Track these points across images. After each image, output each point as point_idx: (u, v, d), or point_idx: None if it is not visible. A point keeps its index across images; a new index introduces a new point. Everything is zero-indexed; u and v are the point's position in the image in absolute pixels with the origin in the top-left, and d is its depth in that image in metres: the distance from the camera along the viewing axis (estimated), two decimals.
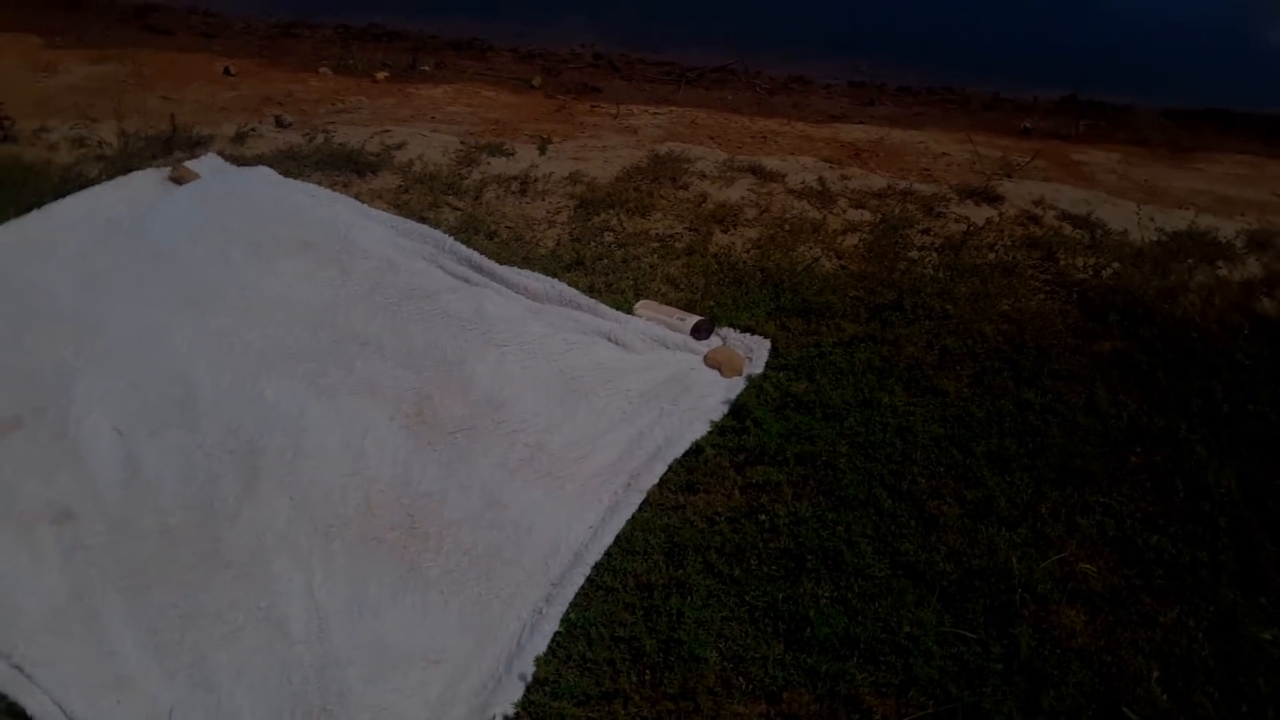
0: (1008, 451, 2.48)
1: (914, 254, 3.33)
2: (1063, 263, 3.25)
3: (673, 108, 5.14)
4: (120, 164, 3.75)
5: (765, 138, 4.59)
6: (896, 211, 3.58)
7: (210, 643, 2.08)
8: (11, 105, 4.25)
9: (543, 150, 4.10)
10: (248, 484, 2.41)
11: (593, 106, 5.23)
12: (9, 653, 2.02)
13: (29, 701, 1.94)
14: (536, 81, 5.62)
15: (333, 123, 4.42)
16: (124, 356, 2.72)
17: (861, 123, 4.83)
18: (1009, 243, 3.37)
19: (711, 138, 4.53)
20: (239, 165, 3.71)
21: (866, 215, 3.59)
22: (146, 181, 3.56)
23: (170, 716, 1.94)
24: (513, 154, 4.05)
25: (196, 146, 3.94)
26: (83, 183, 3.56)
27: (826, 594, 2.14)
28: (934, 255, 3.30)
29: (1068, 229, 3.45)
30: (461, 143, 4.14)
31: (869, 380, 2.70)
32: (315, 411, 2.61)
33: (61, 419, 2.53)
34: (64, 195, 3.45)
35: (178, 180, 3.54)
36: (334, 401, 2.66)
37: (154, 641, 2.08)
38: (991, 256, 3.29)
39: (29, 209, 3.32)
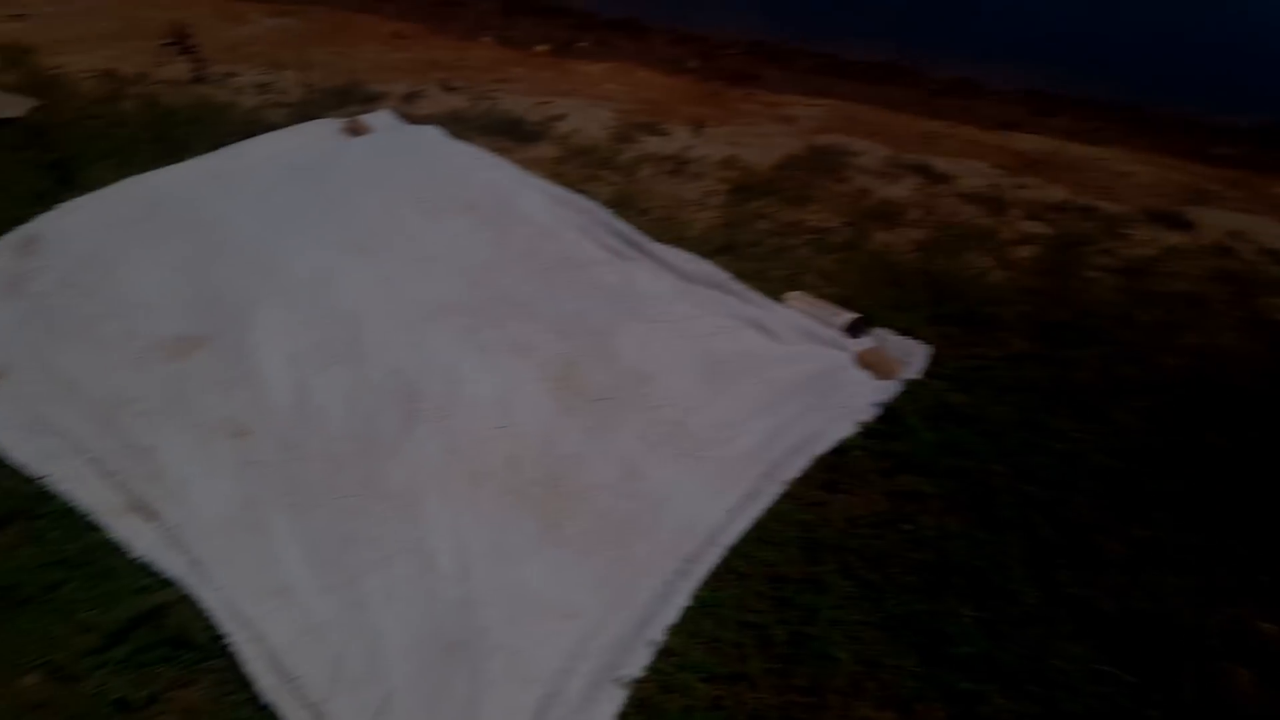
0: (1183, 493, 2.36)
1: (1092, 274, 3.20)
2: (1260, 301, 3.06)
3: (831, 100, 5.07)
4: (300, 112, 3.96)
5: (930, 139, 4.48)
6: (1075, 228, 3.45)
7: (364, 566, 2.20)
8: (205, 51, 4.55)
9: (698, 132, 4.12)
10: (406, 423, 2.52)
11: (747, 93, 5.22)
12: (189, 548, 2.20)
13: (204, 594, 2.11)
14: (691, 65, 5.64)
15: (495, 90, 4.55)
16: (299, 293, 2.87)
17: (1036, 133, 4.66)
18: (1199, 273, 3.21)
19: (872, 134, 4.44)
20: (410, 123, 3.86)
21: (1042, 228, 3.47)
22: (324, 130, 3.75)
23: (322, 628, 2.06)
24: (668, 134, 4.08)
25: (370, 102, 4.13)
26: (265, 126, 3.77)
27: (970, 613, 2.10)
28: (1114, 278, 3.17)
29: (1268, 265, 3.25)
30: (618, 119, 4.20)
31: (1033, 400, 2.62)
32: (470, 364, 2.70)
33: (240, 343, 2.70)
34: (249, 137, 3.66)
35: (353, 131, 3.71)
36: (487, 357, 2.75)
37: (314, 558, 2.21)
38: (1178, 286, 3.13)
39: (218, 147, 3.54)
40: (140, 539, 2.22)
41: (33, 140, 3.50)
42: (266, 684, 1.94)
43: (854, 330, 2.88)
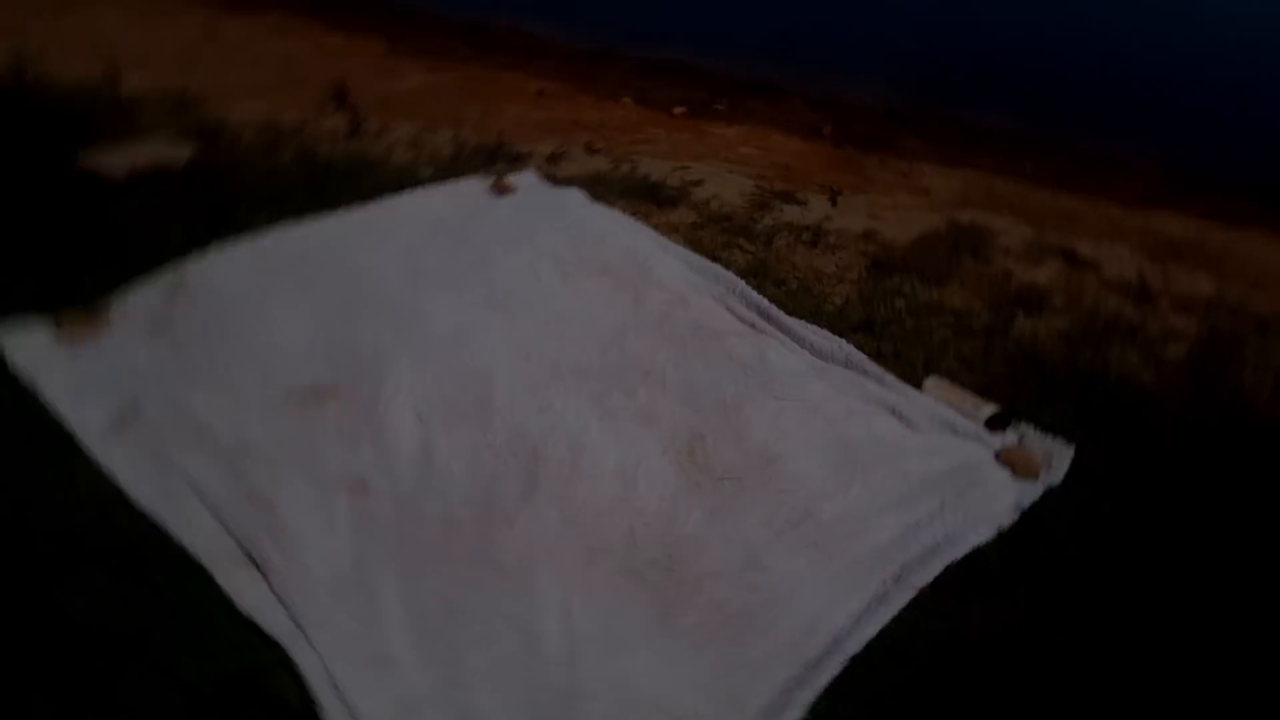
0: None
1: (1247, 376, 2.90)
2: None
3: (966, 170, 4.91)
4: (448, 169, 4.07)
5: (1071, 217, 4.26)
6: (1225, 324, 3.16)
7: (468, 641, 2.14)
8: (360, 105, 4.78)
9: (834, 202, 4.02)
10: (526, 491, 2.49)
11: (881, 160, 5.11)
12: (293, 607, 2.17)
13: (302, 658, 2.05)
14: (826, 131, 5.57)
15: (635, 153, 4.58)
16: (435, 349, 2.90)
17: (1177, 211, 4.36)
18: None
19: (1010, 208, 4.26)
20: (552, 184, 3.91)
21: (1191, 324, 3.19)
22: (470, 189, 3.83)
23: (419, 705, 2.01)
24: (805, 203, 4.00)
25: (516, 161, 4.21)
26: (415, 182, 3.89)
27: None
28: (1273, 380, 2.85)
29: None
30: (755, 185, 4.15)
31: (1187, 513, 2.36)
32: (596, 431, 2.66)
33: (373, 396, 2.73)
34: (397, 191, 3.78)
35: (498, 191, 3.79)
36: (614, 424, 2.70)
37: (419, 626, 2.17)
38: None
39: (369, 200, 3.67)
40: (248, 593, 2.18)
41: (191, 186, 3.70)
42: None
43: (994, 424, 2.69)
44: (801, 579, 2.29)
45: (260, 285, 3.14)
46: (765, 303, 3.10)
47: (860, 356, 2.89)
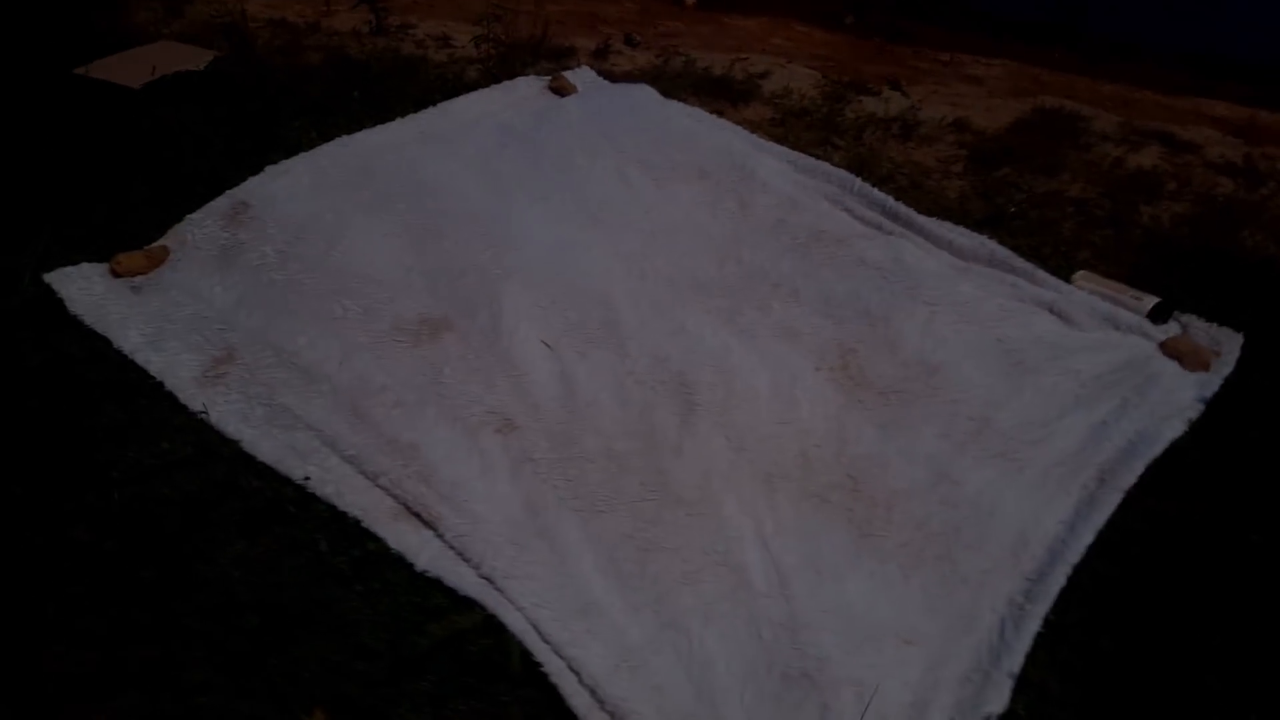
0: None
1: None
2: None
3: (1005, 60, 4.70)
4: (494, 69, 3.71)
5: (1128, 104, 4.10)
6: None
7: (671, 580, 1.98)
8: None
9: (903, 93, 3.80)
10: (684, 418, 2.30)
11: (915, 51, 4.86)
12: (479, 561, 1.98)
13: (507, 617, 1.87)
14: (848, 20, 5.28)
15: (673, 45, 4.25)
16: (542, 270, 2.65)
17: (1217, 97, 4.24)
18: None
19: (1070, 96, 4.09)
20: (611, 81, 3.60)
21: None
22: (528, 89, 3.50)
23: (639, 654, 1.86)
24: (879, 94, 3.76)
25: (561, 58, 3.86)
26: (463, 82, 3.53)
27: None
28: None
29: None
30: (823, 77, 3.88)
31: None
32: (739, 351, 2.46)
33: (493, 326, 2.48)
34: (445, 93, 3.43)
35: (557, 90, 3.47)
36: (755, 343, 2.51)
37: (615, 570, 2.00)
38: None
39: (418, 104, 3.32)
40: (422, 550, 1.97)
41: (220, 95, 3.29)
42: None
43: (1155, 315, 2.58)
44: (998, 490, 2.18)
45: (331, 205, 2.82)
46: (890, 201, 2.90)
47: (1005, 252, 2.73)
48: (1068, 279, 2.69)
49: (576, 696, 1.76)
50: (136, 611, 1.85)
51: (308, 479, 2.10)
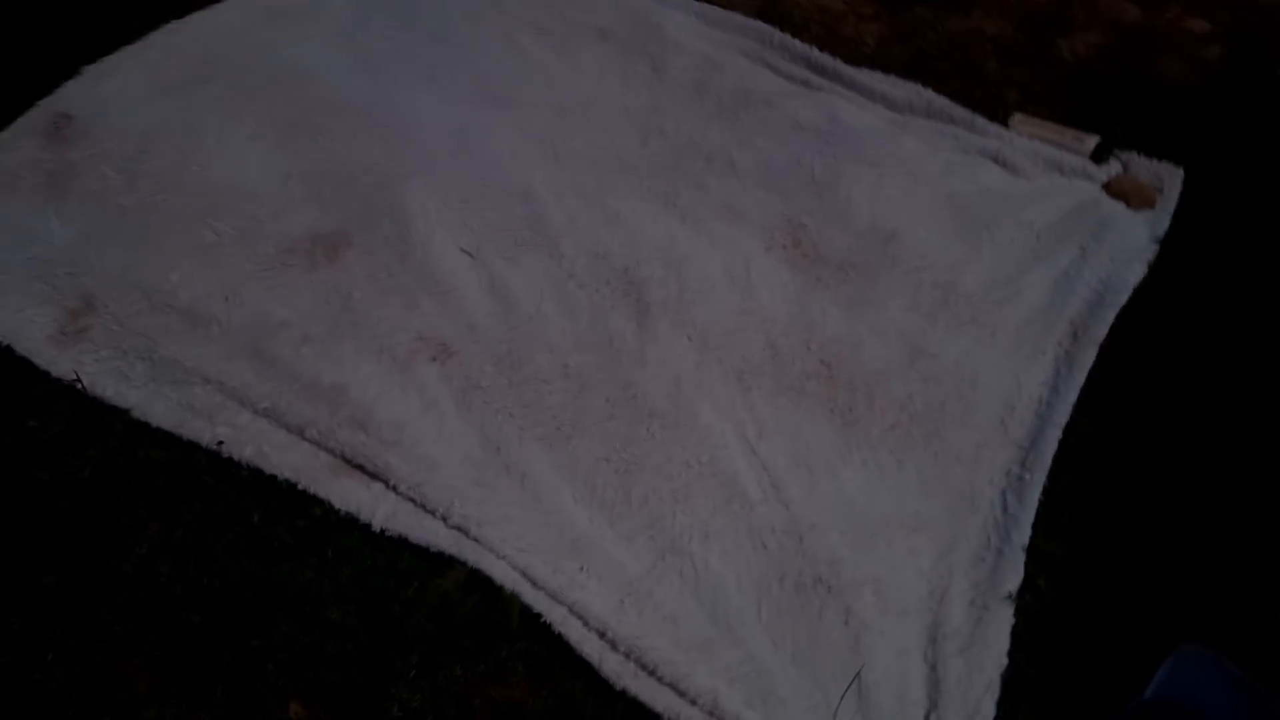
0: None
1: None
2: None
3: None
4: None
5: None
6: (1243, 21, 3.07)
7: (660, 501, 1.80)
8: None
9: None
10: (640, 322, 2.07)
11: None
12: (445, 511, 1.73)
13: (492, 568, 1.65)
14: None
15: None
16: (445, 163, 2.30)
17: None
18: None
19: None
20: None
21: (1208, 25, 3.08)
22: None
23: (642, 585, 1.69)
24: None
25: None
26: None
27: None
28: None
29: None
30: None
31: None
32: (685, 238, 2.23)
33: (401, 237, 2.13)
34: None
35: None
36: (699, 226, 2.27)
37: (596, 499, 1.80)
38: None
39: None
40: (377, 507, 1.71)
41: None
42: (609, 669, 1.56)
43: (1096, 155, 2.51)
44: (975, 358, 2.09)
45: (177, 107, 2.33)
46: (816, 52, 2.66)
47: (943, 101, 2.56)
48: (1005, 123, 2.57)
49: (586, 643, 1.59)
50: (47, 626, 1.54)
51: (221, 443, 1.77)
